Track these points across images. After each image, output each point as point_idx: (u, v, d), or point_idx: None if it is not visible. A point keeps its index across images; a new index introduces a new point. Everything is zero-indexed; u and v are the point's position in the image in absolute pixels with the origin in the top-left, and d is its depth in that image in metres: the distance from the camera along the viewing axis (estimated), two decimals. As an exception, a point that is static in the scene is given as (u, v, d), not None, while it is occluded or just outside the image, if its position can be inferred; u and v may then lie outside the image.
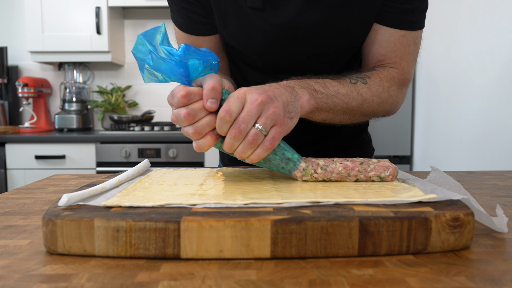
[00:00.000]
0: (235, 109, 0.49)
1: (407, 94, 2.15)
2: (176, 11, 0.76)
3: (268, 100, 0.50)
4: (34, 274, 0.34)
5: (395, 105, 0.75)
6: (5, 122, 2.60)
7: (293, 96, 0.56)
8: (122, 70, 2.72)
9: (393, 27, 0.71)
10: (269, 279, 0.33)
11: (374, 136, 2.16)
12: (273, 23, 0.70)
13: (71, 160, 2.21)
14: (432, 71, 2.00)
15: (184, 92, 0.49)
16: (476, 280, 0.32)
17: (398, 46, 0.72)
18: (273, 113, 0.50)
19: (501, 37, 1.45)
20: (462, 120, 1.71)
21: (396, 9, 0.70)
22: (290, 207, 0.41)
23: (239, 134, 0.49)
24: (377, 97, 0.69)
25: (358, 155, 0.88)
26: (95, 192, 0.46)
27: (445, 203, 0.42)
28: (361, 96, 0.66)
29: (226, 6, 0.71)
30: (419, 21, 0.73)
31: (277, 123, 0.51)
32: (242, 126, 0.49)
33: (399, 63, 0.73)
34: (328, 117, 0.65)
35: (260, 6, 0.69)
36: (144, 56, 0.49)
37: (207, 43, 0.78)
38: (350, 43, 0.74)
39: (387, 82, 0.71)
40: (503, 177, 0.79)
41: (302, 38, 0.72)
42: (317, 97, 0.60)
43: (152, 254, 0.37)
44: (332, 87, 0.63)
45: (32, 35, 2.35)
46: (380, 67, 0.74)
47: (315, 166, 0.54)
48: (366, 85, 0.68)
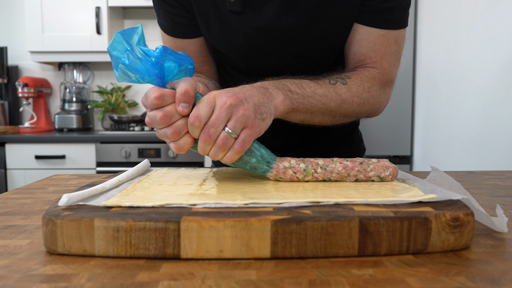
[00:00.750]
0: (204, 114, 0.49)
1: (407, 93, 2.16)
2: (161, 15, 0.77)
3: (238, 102, 0.50)
4: (34, 274, 0.34)
5: (378, 105, 0.74)
6: (5, 122, 2.60)
7: (266, 97, 0.55)
8: (122, 70, 2.72)
9: (372, 26, 0.70)
10: (269, 279, 0.33)
11: (374, 136, 2.17)
12: (253, 26, 0.71)
13: (71, 160, 2.21)
14: (432, 71, 2.00)
15: (157, 94, 0.49)
16: (476, 280, 0.32)
17: (378, 46, 0.71)
18: (243, 115, 0.50)
19: (501, 37, 1.45)
20: (462, 120, 1.71)
21: (375, 8, 0.69)
22: (290, 207, 0.41)
23: (209, 139, 0.50)
24: (357, 98, 0.68)
25: (348, 155, 0.88)
26: (95, 192, 0.46)
27: (445, 203, 0.42)
28: (340, 97, 0.66)
29: (207, 10, 0.72)
30: (399, 20, 0.71)
31: (248, 125, 0.51)
32: (211, 131, 0.49)
33: (380, 63, 0.72)
34: (306, 118, 0.65)
35: (239, 10, 0.69)
36: (120, 54, 0.49)
37: (192, 46, 0.78)
38: (332, 44, 0.74)
39: (368, 82, 0.70)
40: (503, 177, 0.79)
41: (283, 40, 0.72)
42: (293, 98, 0.60)
43: (152, 254, 0.37)
44: (309, 87, 0.63)
45: (32, 35, 2.35)
46: (361, 67, 0.73)
47: (314, 166, 0.54)
48: (345, 86, 0.67)
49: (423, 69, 2.11)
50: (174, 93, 0.50)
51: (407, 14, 0.72)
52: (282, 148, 0.85)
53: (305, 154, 0.80)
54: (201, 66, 0.81)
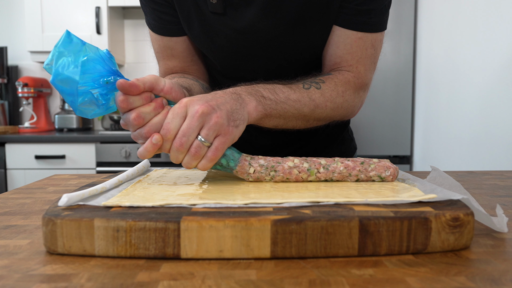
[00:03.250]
0: (174, 126, 0.49)
1: (407, 93, 2.16)
2: (149, 13, 0.77)
3: (210, 110, 0.50)
4: (34, 274, 0.34)
5: (352, 109, 0.74)
6: (5, 122, 2.60)
7: (239, 104, 0.55)
8: (122, 70, 2.72)
9: (349, 29, 0.70)
10: (269, 279, 0.33)
11: (374, 136, 2.17)
12: (234, 28, 0.71)
13: (71, 160, 2.21)
14: (432, 71, 2.00)
15: (122, 97, 0.49)
16: (476, 280, 0.32)
17: (355, 49, 0.71)
18: (216, 123, 0.50)
19: (501, 37, 1.45)
20: (462, 120, 1.71)
21: (352, 10, 0.69)
22: (290, 207, 0.41)
23: (181, 148, 0.49)
24: (331, 102, 0.68)
25: (339, 155, 0.88)
26: (95, 192, 0.46)
27: (445, 203, 0.42)
28: (314, 102, 0.66)
29: (189, 10, 0.72)
30: (377, 23, 0.71)
31: (221, 133, 0.51)
32: (183, 140, 0.49)
33: (355, 66, 0.72)
34: (280, 123, 0.65)
35: (221, 11, 0.69)
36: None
37: (180, 45, 0.78)
38: (312, 47, 0.74)
39: (342, 86, 0.70)
40: (503, 177, 0.79)
41: (264, 43, 0.72)
42: (265, 104, 0.59)
43: (152, 254, 0.37)
44: (282, 93, 0.62)
45: (32, 35, 2.35)
46: (336, 71, 0.73)
47: (317, 166, 0.54)
48: (319, 90, 0.67)
49: (423, 69, 2.11)
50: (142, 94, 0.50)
51: (385, 17, 0.72)
52: (271, 148, 0.86)
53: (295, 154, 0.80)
54: (190, 66, 0.81)
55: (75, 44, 0.48)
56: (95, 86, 0.49)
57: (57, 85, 0.48)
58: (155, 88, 0.51)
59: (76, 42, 0.48)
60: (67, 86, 0.48)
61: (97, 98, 0.49)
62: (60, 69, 0.47)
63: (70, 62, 0.47)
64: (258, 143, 0.87)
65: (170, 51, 0.79)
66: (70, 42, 0.48)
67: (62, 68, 0.47)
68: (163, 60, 0.81)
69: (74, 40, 0.48)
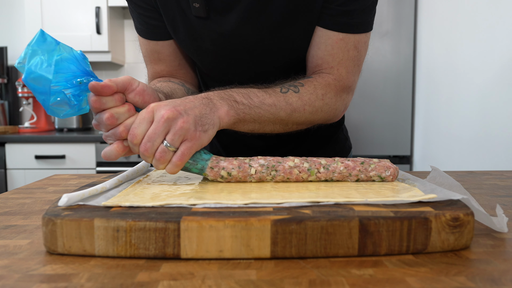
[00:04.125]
0: (140, 132, 0.50)
1: (407, 93, 2.16)
2: (136, 18, 0.77)
3: (176, 115, 0.50)
4: (34, 274, 0.34)
5: (334, 112, 0.72)
6: (5, 122, 2.60)
7: (209, 108, 0.55)
8: (122, 70, 2.72)
9: (330, 29, 0.69)
10: (269, 279, 0.33)
11: (374, 136, 2.17)
12: (218, 32, 0.71)
13: (71, 160, 2.21)
14: (432, 71, 2.00)
15: (95, 98, 0.50)
16: (476, 280, 0.32)
17: (336, 50, 0.70)
18: (181, 128, 0.50)
19: (501, 37, 1.45)
20: (462, 120, 1.71)
21: (333, 11, 0.68)
22: (290, 207, 0.41)
23: (146, 153, 0.50)
24: (309, 106, 0.67)
25: (333, 154, 0.88)
26: (95, 192, 0.46)
27: (445, 203, 0.42)
28: (291, 106, 0.65)
29: (174, 15, 0.72)
30: (360, 24, 0.69)
31: (187, 138, 0.51)
32: (148, 145, 0.50)
33: (336, 69, 0.71)
34: (255, 128, 0.64)
35: (204, 15, 0.69)
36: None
37: (166, 48, 0.78)
38: (298, 50, 0.74)
39: (322, 89, 0.69)
40: (503, 177, 0.79)
41: (249, 46, 0.72)
42: (238, 108, 0.59)
43: (152, 254, 0.37)
44: (256, 97, 0.62)
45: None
46: (317, 73, 0.72)
47: (317, 165, 0.54)
48: (297, 94, 0.66)
49: (423, 69, 2.11)
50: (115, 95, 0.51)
51: (369, 18, 0.70)
52: (264, 149, 0.86)
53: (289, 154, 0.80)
54: (177, 70, 0.81)
55: (49, 43, 0.48)
56: (68, 86, 0.49)
57: (29, 84, 0.48)
58: (128, 89, 0.52)
59: (50, 41, 0.48)
60: (39, 84, 0.48)
61: (69, 98, 0.49)
62: (33, 68, 0.47)
63: (43, 61, 0.48)
64: (253, 144, 0.87)
65: (156, 55, 0.79)
66: (44, 41, 0.48)
67: (35, 66, 0.47)
68: (151, 64, 0.81)
69: (48, 39, 0.48)
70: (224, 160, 0.54)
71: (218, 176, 0.53)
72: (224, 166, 0.53)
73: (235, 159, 0.54)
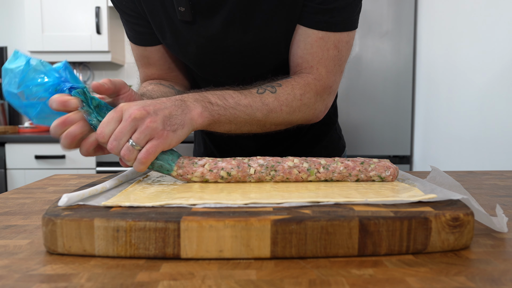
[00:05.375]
0: (108, 131, 0.51)
1: (407, 93, 2.16)
2: (125, 24, 0.79)
3: (144, 115, 0.51)
4: (34, 274, 0.34)
5: (313, 112, 0.72)
6: (5, 122, 2.60)
7: (181, 110, 0.56)
8: (122, 70, 2.72)
9: (310, 27, 0.68)
10: (269, 279, 0.33)
11: (374, 136, 2.17)
12: (204, 36, 0.71)
13: (71, 160, 2.21)
14: (432, 71, 2.00)
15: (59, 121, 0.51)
16: (476, 280, 0.32)
17: (315, 49, 0.69)
18: (147, 127, 0.51)
19: (501, 37, 1.45)
20: (462, 120, 1.71)
21: (314, 9, 0.67)
22: (290, 207, 0.41)
23: (112, 151, 0.51)
24: (286, 106, 0.67)
25: (327, 154, 0.88)
26: (95, 192, 0.46)
27: (445, 203, 0.42)
28: (267, 106, 0.65)
29: (160, 20, 0.72)
30: (340, 22, 0.68)
31: (154, 137, 0.51)
32: (113, 144, 0.50)
33: (316, 68, 0.70)
34: (231, 128, 0.65)
35: (190, 19, 0.70)
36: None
37: (155, 53, 0.79)
38: (283, 52, 0.74)
39: (300, 90, 0.68)
40: (503, 177, 0.79)
41: (235, 49, 0.72)
42: (213, 110, 0.60)
43: (152, 254, 0.37)
44: (231, 98, 0.62)
45: (32, 35, 2.35)
46: (297, 73, 0.72)
47: (317, 165, 0.54)
48: (274, 94, 0.66)
49: (423, 69, 2.11)
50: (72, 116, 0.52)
51: (352, 16, 0.69)
52: (257, 150, 0.86)
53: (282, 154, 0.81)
54: (167, 73, 0.82)
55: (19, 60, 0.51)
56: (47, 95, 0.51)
57: (10, 101, 0.51)
58: (120, 91, 0.57)
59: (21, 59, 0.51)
60: (16, 100, 0.51)
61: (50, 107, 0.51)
62: (7, 87, 0.51)
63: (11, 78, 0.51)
64: (246, 144, 0.87)
65: (146, 59, 0.81)
66: (15, 60, 0.51)
67: (5, 85, 0.51)
68: (142, 68, 0.83)
69: (19, 58, 0.51)
70: (221, 160, 0.54)
71: (218, 177, 0.53)
72: (223, 166, 0.53)
73: (233, 159, 0.54)
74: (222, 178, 0.53)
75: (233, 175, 0.53)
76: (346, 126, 2.14)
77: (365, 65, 2.16)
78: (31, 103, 0.50)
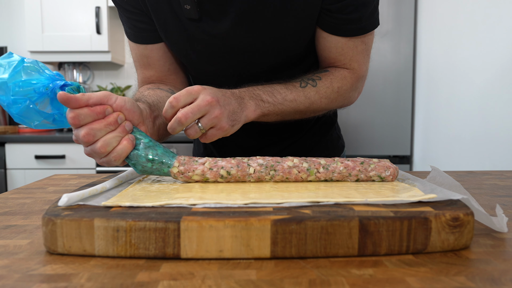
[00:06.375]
0: (183, 102, 0.55)
1: (407, 93, 2.17)
2: (125, 22, 0.78)
3: (216, 104, 0.57)
4: (34, 274, 0.34)
5: (348, 100, 0.79)
6: (5, 122, 2.60)
7: (241, 107, 0.62)
8: (122, 70, 2.72)
9: (339, 36, 0.73)
10: (269, 279, 0.33)
11: (374, 136, 2.17)
12: (211, 34, 0.71)
13: (71, 160, 2.21)
14: (432, 71, 2.00)
15: (73, 114, 0.48)
16: (476, 280, 0.32)
17: (346, 50, 0.74)
18: (216, 117, 0.57)
19: (501, 37, 1.45)
20: (462, 120, 1.71)
21: (342, 20, 0.70)
22: (290, 207, 0.41)
23: (181, 119, 0.55)
24: (326, 98, 0.73)
25: (327, 154, 0.89)
26: (95, 192, 0.46)
27: (445, 203, 0.42)
28: (309, 100, 0.71)
29: (165, 17, 0.72)
30: (366, 26, 0.73)
31: (216, 126, 0.58)
32: (184, 117, 0.55)
33: (349, 64, 0.76)
34: (277, 119, 0.72)
35: (196, 17, 0.70)
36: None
37: (155, 53, 0.79)
38: (292, 50, 0.75)
39: (338, 83, 0.74)
40: (503, 177, 0.79)
41: (242, 48, 0.73)
42: (264, 107, 0.66)
43: (152, 254, 0.37)
44: (279, 94, 0.68)
45: (32, 35, 2.35)
46: (333, 67, 0.77)
47: (317, 165, 0.54)
48: (315, 88, 0.72)
49: (423, 69, 2.11)
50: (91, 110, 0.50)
51: (374, 17, 0.73)
52: (257, 149, 0.86)
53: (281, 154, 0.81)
54: (167, 76, 0.81)
55: (14, 58, 0.50)
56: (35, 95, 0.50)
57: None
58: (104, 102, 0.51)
59: (15, 58, 0.50)
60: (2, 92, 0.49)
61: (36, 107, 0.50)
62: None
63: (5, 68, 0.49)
64: (246, 144, 0.87)
65: (146, 59, 0.80)
66: (9, 57, 0.51)
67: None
68: (140, 69, 0.82)
69: (14, 56, 0.51)
70: (221, 159, 0.54)
71: (217, 176, 0.53)
72: (223, 165, 0.53)
73: (233, 158, 0.54)
74: (222, 177, 0.53)
75: (233, 174, 0.53)
76: (346, 126, 2.14)
77: (365, 65, 2.16)
78: (16, 99, 0.49)
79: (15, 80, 0.49)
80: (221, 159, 0.54)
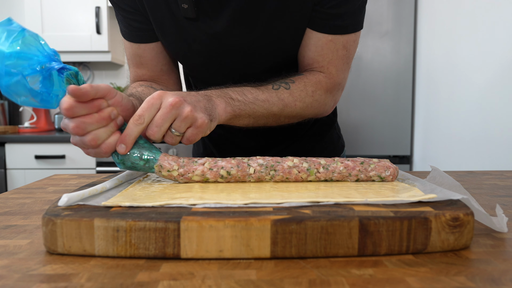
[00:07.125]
0: (148, 117, 0.51)
1: (407, 93, 2.17)
2: (120, 21, 0.78)
3: (183, 103, 0.53)
4: (34, 274, 0.34)
5: (324, 107, 0.76)
6: (5, 122, 2.60)
7: (211, 104, 0.59)
8: (122, 69, 2.72)
9: (320, 32, 0.71)
10: (269, 279, 0.33)
11: (374, 136, 2.17)
12: (208, 33, 0.71)
13: (71, 160, 2.21)
14: (432, 71, 2.00)
15: (67, 105, 0.47)
16: (476, 280, 0.32)
17: (326, 51, 0.72)
18: (188, 116, 0.53)
19: (501, 37, 1.45)
20: (462, 120, 1.71)
21: (323, 14, 0.69)
22: (290, 207, 0.41)
23: (154, 135, 0.52)
24: (300, 102, 0.71)
25: (327, 154, 0.89)
26: (95, 192, 0.46)
27: (445, 203, 0.42)
28: (282, 101, 0.68)
29: (162, 17, 0.72)
30: (349, 25, 0.71)
31: (192, 125, 0.54)
32: (155, 130, 0.52)
33: (326, 68, 0.73)
34: (250, 122, 0.68)
35: (193, 17, 0.70)
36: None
37: (149, 52, 0.79)
38: (287, 50, 0.75)
39: (312, 86, 0.72)
40: (503, 177, 0.79)
41: (239, 47, 0.73)
42: (234, 105, 0.63)
43: (152, 254, 0.37)
44: (250, 94, 0.66)
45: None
46: (309, 71, 0.74)
47: (317, 165, 0.54)
48: (288, 91, 0.69)
49: (423, 69, 2.11)
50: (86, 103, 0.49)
51: (359, 18, 0.72)
52: (256, 150, 0.86)
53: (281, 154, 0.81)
54: (159, 76, 0.81)
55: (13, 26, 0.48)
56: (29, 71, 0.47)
57: None
58: (106, 97, 0.51)
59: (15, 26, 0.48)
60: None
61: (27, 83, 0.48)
62: None
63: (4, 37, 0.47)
64: (245, 144, 0.87)
65: (139, 58, 0.80)
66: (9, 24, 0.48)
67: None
68: (133, 67, 0.82)
69: (14, 24, 0.48)
70: (221, 160, 0.54)
71: (218, 176, 0.53)
72: (223, 165, 0.53)
73: (233, 158, 0.54)
74: (222, 177, 0.53)
75: (233, 174, 0.53)
76: (346, 126, 2.14)
77: (365, 65, 2.16)
78: (8, 71, 0.46)
79: (12, 50, 0.46)
80: (221, 159, 0.54)
